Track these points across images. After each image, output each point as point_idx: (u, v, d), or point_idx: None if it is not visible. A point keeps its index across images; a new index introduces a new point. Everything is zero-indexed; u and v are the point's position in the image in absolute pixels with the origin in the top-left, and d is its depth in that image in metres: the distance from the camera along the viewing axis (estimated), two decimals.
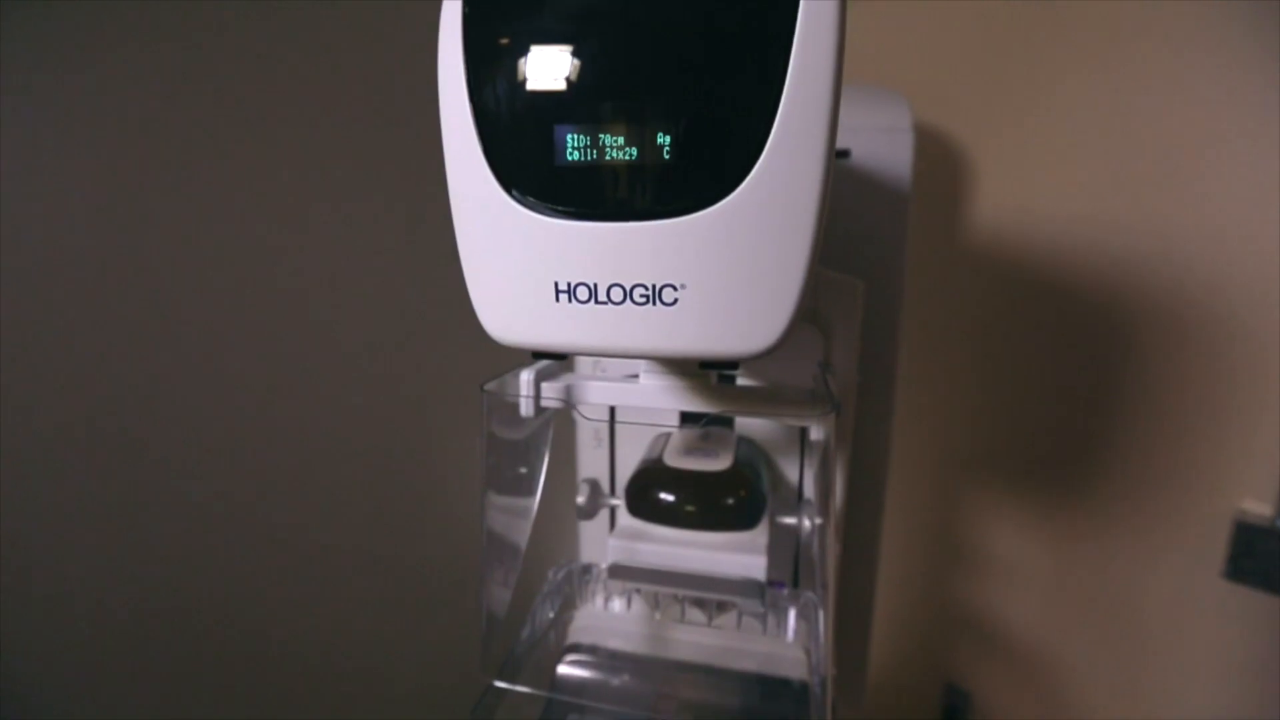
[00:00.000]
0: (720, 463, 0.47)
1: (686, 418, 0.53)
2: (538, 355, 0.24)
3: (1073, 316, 0.86)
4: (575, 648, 0.56)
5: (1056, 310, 0.87)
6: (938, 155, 0.91)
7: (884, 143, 0.68)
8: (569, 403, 0.35)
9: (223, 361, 0.39)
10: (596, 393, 0.35)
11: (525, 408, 0.35)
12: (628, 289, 0.22)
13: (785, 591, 0.45)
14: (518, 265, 0.23)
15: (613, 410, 0.57)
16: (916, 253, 0.74)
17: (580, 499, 0.51)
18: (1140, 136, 0.78)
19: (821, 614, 0.43)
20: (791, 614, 0.44)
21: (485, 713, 0.35)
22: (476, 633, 0.37)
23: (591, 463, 0.60)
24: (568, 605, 0.50)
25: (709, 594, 0.44)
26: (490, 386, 0.32)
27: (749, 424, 0.54)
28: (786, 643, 0.47)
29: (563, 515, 0.57)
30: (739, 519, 0.44)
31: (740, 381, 0.54)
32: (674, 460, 0.47)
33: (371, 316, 0.50)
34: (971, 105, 0.89)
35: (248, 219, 0.39)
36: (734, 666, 0.49)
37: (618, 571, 0.46)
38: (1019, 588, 0.95)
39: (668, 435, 0.52)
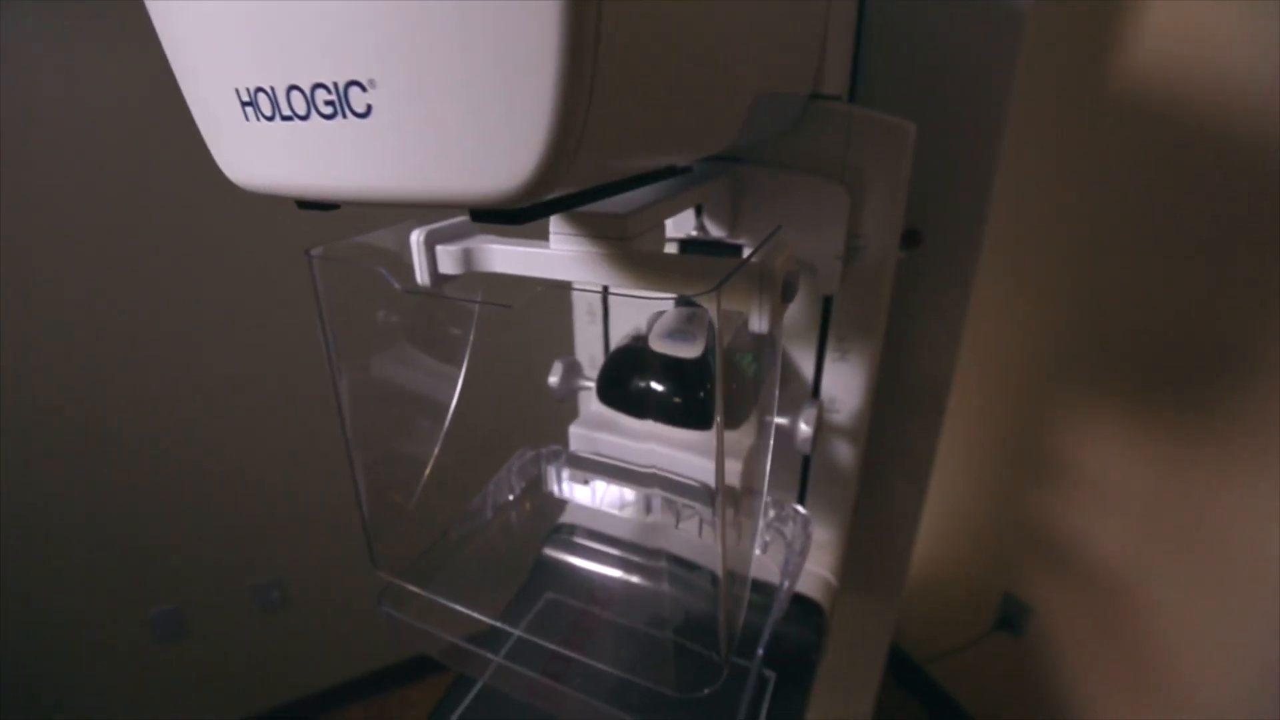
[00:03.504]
0: (702, 349, 0.39)
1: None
2: (302, 205, 0.17)
3: (1237, 193, 0.65)
4: (559, 529, 0.54)
5: (1215, 182, 0.66)
6: None
7: None
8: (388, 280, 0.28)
9: None
10: (499, 259, 0.28)
11: (420, 275, 0.29)
12: (307, 92, 0.14)
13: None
14: (198, 66, 0.15)
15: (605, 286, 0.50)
16: (1027, 92, 0.57)
17: (552, 379, 0.45)
18: None
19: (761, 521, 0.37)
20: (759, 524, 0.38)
21: (394, 600, 0.33)
22: None
23: (587, 340, 0.55)
24: (534, 488, 0.46)
25: (666, 495, 0.38)
26: (317, 252, 0.25)
27: None
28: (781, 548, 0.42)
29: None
30: (702, 416, 0.37)
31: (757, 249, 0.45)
32: (655, 342, 0.41)
33: None
34: None
35: None
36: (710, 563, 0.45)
37: (574, 461, 0.42)
38: (1107, 511, 0.82)
39: (661, 313, 0.45)
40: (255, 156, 0.16)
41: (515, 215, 0.15)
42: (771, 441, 0.33)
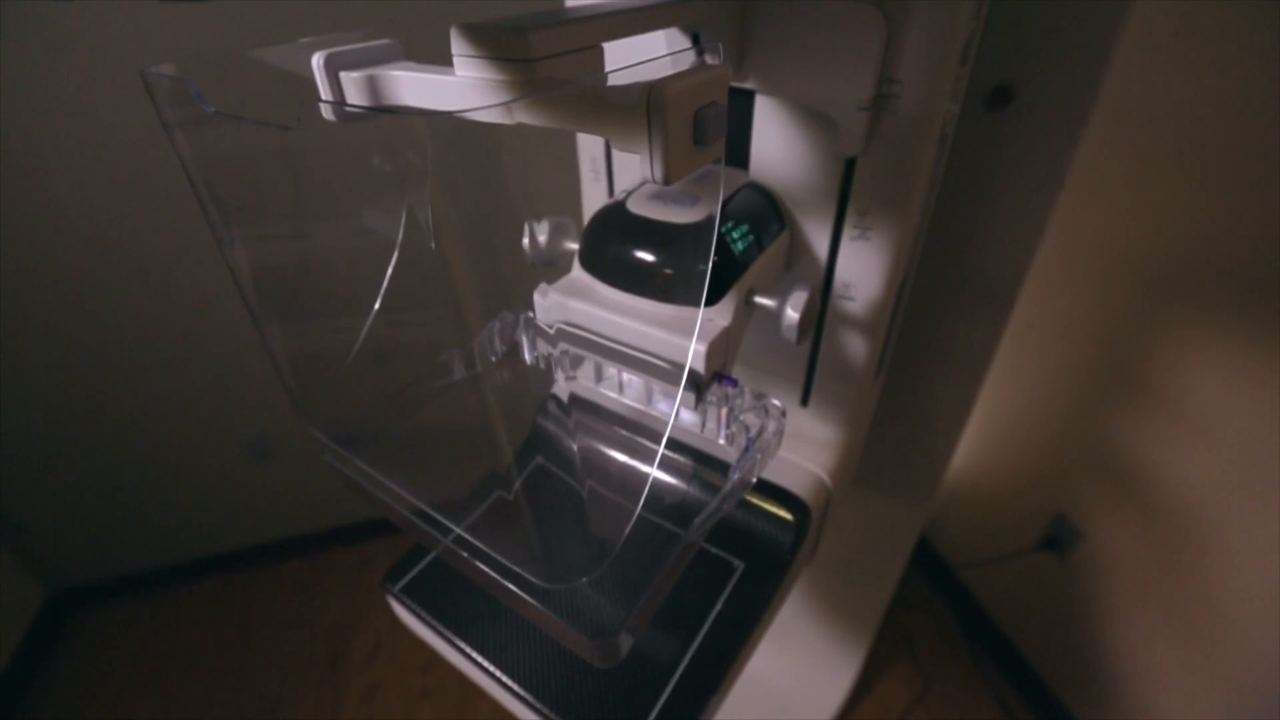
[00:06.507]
0: (691, 213, 0.34)
1: None
2: None
3: None
4: (548, 400, 0.52)
5: None
6: None
7: None
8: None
9: None
10: (407, 87, 0.24)
11: (327, 109, 0.25)
12: None
13: (736, 389, 0.35)
14: None
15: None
16: None
17: (526, 240, 0.42)
18: None
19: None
20: (722, 413, 0.34)
21: (341, 461, 0.32)
22: None
23: (594, 198, 0.50)
24: (512, 353, 0.45)
25: (639, 373, 0.35)
26: (156, 70, 0.21)
27: (769, 166, 0.39)
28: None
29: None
30: (679, 290, 0.33)
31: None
32: (639, 204, 0.36)
33: None
34: None
35: None
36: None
37: (540, 330, 0.39)
38: (1195, 446, 0.72)
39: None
40: None
41: None
42: (699, 325, 0.28)
